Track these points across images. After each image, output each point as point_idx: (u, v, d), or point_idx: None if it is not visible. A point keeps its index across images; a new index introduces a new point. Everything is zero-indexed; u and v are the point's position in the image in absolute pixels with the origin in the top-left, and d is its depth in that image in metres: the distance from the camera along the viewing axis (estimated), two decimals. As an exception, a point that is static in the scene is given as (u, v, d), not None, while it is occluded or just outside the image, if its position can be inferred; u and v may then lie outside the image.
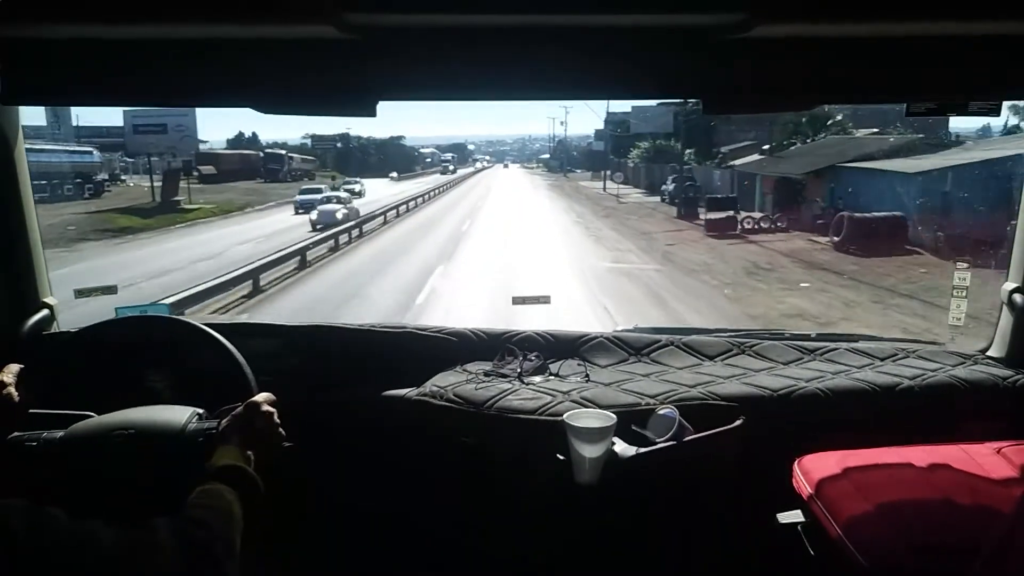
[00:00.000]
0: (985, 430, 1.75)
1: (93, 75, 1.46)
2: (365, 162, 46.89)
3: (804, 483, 1.60)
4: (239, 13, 1.24)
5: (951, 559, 1.28)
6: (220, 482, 1.02)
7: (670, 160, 29.51)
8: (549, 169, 57.12)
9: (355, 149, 48.39)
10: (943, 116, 1.67)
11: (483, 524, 1.78)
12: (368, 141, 50.14)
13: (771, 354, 2.06)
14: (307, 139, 49.78)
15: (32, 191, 1.85)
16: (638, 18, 1.34)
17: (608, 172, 35.47)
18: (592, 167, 43.80)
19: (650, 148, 32.65)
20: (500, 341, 2.04)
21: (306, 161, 40.39)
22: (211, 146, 36.47)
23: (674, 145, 30.50)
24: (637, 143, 33.95)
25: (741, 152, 26.16)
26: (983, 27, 1.36)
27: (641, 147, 33.39)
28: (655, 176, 30.63)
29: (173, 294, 9.12)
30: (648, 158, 32.92)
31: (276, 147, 41.10)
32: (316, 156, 44.77)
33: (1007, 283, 1.98)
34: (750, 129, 27.14)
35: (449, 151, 71.03)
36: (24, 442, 1.22)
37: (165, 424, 1.25)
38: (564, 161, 52.54)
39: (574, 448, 1.55)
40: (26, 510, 0.80)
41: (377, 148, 49.14)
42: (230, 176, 32.00)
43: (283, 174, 35.18)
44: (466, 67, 1.45)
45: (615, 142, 37.98)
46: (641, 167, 33.80)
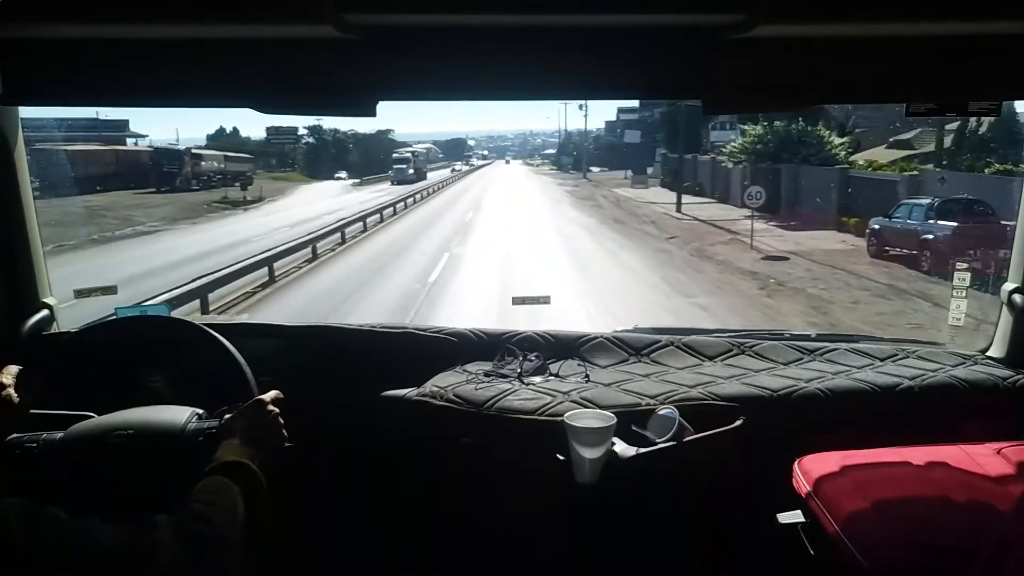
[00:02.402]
0: (985, 430, 1.75)
1: (93, 75, 1.46)
2: (343, 160, 37.89)
3: (804, 483, 1.60)
4: (239, 13, 1.24)
5: (951, 559, 1.28)
6: (223, 477, 1.02)
7: (804, 157, 17.79)
8: (559, 167, 45.44)
9: (329, 144, 39.15)
10: (943, 116, 1.67)
11: (483, 524, 1.78)
12: (347, 135, 39.90)
13: (771, 354, 2.05)
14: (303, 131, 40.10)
15: (32, 190, 1.85)
16: (638, 18, 1.34)
17: (647, 171, 26.10)
18: (617, 164, 33.43)
19: (764, 136, 18.82)
20: (500, 341, 2.04)
21: (233, 160, 29.75)
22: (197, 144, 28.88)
23: (820, 131, 18.29)
24: (744, 127, 20.05)
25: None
26: (983, 27, 1.36)
27: (754, 132, 19.07)
28: (776, 184, 17.01)
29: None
30: (764, 152, 18.77)
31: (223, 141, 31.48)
32: (273, 153, 35.36)
33: (1007, 283, 1.98)
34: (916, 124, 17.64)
35: (448, 147, 64.07)
36: (24, 442, 1.22)
37: (165, 424, 1.25)
38: (582, 157, 40.81)
39: (574, 448, 1.55)
40: (26, 509, 0.80)
41: (358, 143, 39.02)
42: (93, 182, 20.97)
43: (182, 179, 25.23)
44: (466, 67, 1.45)
45: (670, 130, 25.94)
46: (739, 168, 19.62)
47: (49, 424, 1.26)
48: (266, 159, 36.06)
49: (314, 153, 38.08)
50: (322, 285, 11.40)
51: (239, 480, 1.03)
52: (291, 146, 35.46)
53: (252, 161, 32.08)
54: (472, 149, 74.82)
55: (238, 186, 25.83)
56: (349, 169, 36.69)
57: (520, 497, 1.71)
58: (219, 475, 1.02)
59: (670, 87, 1.55)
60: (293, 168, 37.55)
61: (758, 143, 18.71)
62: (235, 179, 27.17)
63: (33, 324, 1.87)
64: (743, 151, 19.37)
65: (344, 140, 39.52)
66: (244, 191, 25.60)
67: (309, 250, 13.09)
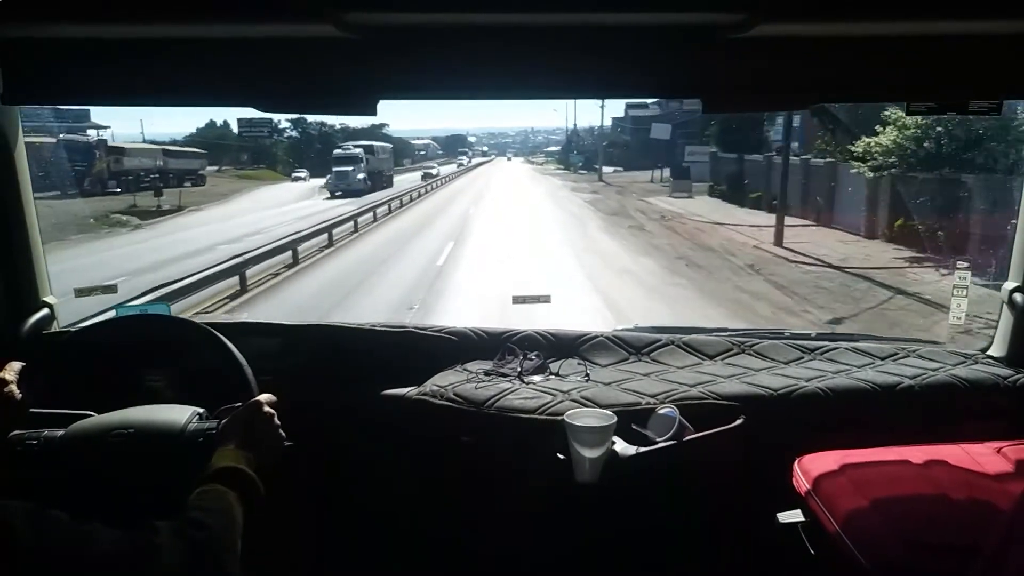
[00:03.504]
0: (985, 430, 1.75)
1: (93, 75, 1.46)
2: (330, 155, 31.66)
3: (804, 482, 1.60)
4: (239, 13, 1.24)
5: (951, 558, 1.28)
6: (220, 483, 1.02)
7: (986, 163, 10.96)
8: (567, 166, 40.25)
9: (314, 138, 35.21)
10: (943, 116, 1.67)
11: (483, 523, 1.78)
12: (334, 130, 35.37)
13: (771, 353, 2.05)
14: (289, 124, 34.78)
15: (32, 190, 1.85)
16: (638, 17, 1.34)
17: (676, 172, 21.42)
18: (634, 163, 28.92)
19: (929, 132, 11.45)
20: (500, 340, 2.04)
21: (176, 157, 24.80)
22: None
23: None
24: (890, 116, 11.79)
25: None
26: (983, 27, 1.36)
27: (905, 127, 11.60)
28: (952, 204, 11.02)
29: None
30: (927, 156, 11.66)
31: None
32: (248, 147, 31.62)
33: (1007, 283, 1.98)
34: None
35: (447, 143, 60.86)
36: (24, 441, 1.22)
37: (165, 424, 1.25)
38: (595, 155, 34.46)
39: (574, 447, 1.55)
40: (27, 511, 0.80)
41: (349, 138, 32.79)
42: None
43: (93, 180, 20.18)
44: (466, 66, 1.45)
45: (723, 124, 20.33)
46: (880, 179, 12.47)
47: (49, 423, 1.26)
48: (238, 154, 33.59)
49: (297, 148, 35.21)
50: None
51: (235, 486, 1.02)
52: (271, 140, 32.08)
53: (203, 157, 27.89)
54: (472, 146, 70.11)
55: (189, 184, 22.03)
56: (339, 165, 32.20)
57: (520, 496, 1.71)
58: (215, 482, 1.02)
59: (670, 87, 1.55)
60: (269, 164, 34.00)
61: (922, 140, 11.61)
62: (182, 179, 23.06)
63: (33, 323, 1.87)
64: (891, 152, 11.96)
65: (331, 134, 35.13)
66: (159, 197, 20.70)
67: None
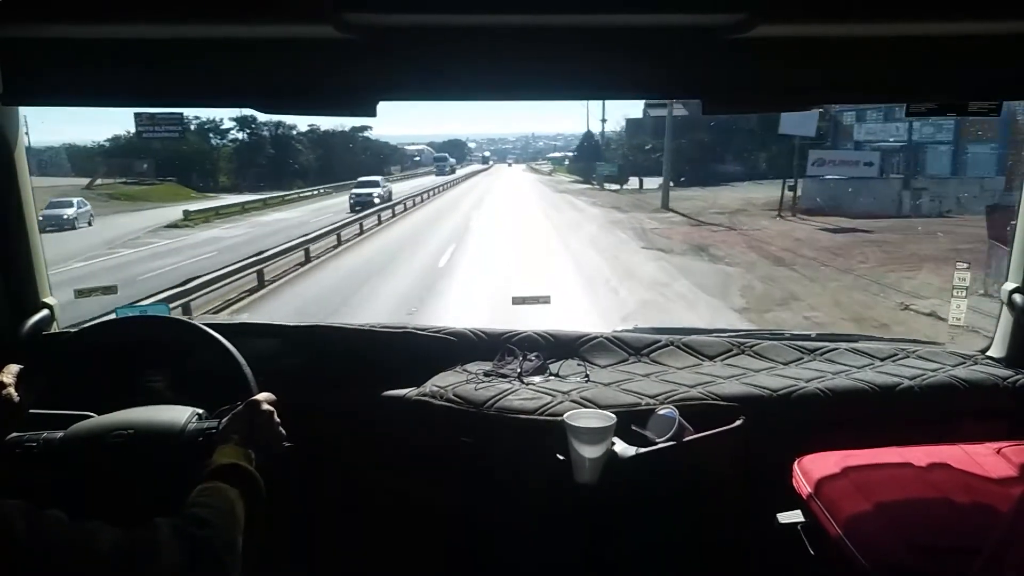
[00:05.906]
0: (985, 430, 1.75)
1: (93, 75, 1.46)
2: (287, 164, 26.55)
3: (804, 483, 1.60)
4: (239, 13, 1.24)
5: (951, 559, 1.28)
6: (221, 480, 1.02)
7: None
8: (586, 177, 32.72)
9: (267, 142, 27.94)
10: (943, 116, 1.66)
11: (483, 524, 1.78)
12: (292, 135, 28.84)
13: (771, 354, 2.05)
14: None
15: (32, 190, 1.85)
16: (638, 18, 1.34)
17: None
18: (653, 171, 24.12)
19: None
20: (500, 341, 2.04)
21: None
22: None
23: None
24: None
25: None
26: (983, 27, 1.36)
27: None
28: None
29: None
30: None
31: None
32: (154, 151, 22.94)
33: (1007, 283, 1.98)
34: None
35: (445, 149, 55.07)
36: (24, 442, 1.22)
37: (165, 424, 1.25)
38: (631, 164, 27.36)
39: (574, 448, 1.55)
40: (27, 511, 0.80)
41: (317, 142, 27.93)
42: None
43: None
44: (466, 67, 1.45)
45: (829, 124, 16.52)
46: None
47: (49, 424, 1.26)
48: (132, 163, 24.41)
49: (244, 154, 26.65)
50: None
51: (237, 483, 1.02)
52: (183, 142, 24.01)
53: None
54: (471, 151, 67.48)
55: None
56: (304, 176, 25.27)
57: (520, 497, 1.71)
58: (217, 479, 1.02)
59: (670, 87, 1.55)
60: (181, 179, 24.83)
61: None
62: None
63: (33, 324, 1.87)
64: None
65: (288, 138, 28.55)
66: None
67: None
